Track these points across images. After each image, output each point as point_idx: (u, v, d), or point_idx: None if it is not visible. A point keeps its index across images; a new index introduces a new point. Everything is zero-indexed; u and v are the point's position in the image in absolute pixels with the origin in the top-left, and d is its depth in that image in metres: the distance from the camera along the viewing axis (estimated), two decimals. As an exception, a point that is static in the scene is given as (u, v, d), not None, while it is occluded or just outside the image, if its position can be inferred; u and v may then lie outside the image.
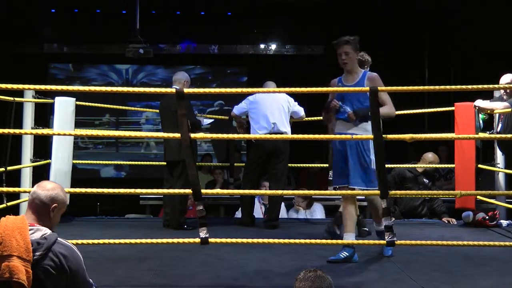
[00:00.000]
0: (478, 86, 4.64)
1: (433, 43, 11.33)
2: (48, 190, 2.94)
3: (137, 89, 7.30)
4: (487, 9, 10.36)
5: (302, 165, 7.90)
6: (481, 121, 6.52)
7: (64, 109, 6.45)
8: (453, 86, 4.90)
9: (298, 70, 10.83)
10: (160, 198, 7.40)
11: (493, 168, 6.77)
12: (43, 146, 7.08)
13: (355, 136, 4.87)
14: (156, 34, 10.93)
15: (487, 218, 6.47)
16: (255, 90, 6.27)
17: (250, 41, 12.13)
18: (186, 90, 5.05)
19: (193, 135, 4.82)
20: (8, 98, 5.77)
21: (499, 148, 6.72)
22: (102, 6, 11.54)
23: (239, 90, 5.83)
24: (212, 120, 8.47)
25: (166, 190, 6.27)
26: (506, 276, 4.51)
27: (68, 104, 6.49)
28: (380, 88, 4.72)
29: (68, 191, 4.25)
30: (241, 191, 6.63)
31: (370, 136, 4.70)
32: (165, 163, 6.54)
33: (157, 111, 7.17)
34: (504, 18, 10.09)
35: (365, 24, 10.57)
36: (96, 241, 4.69)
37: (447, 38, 10.90)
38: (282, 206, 6.93)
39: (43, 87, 4.89)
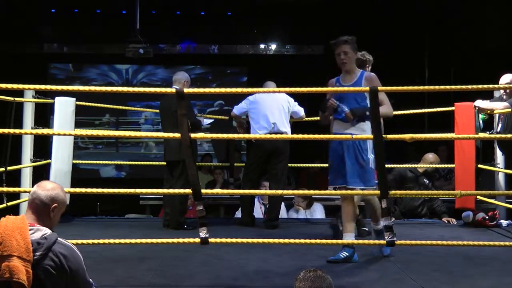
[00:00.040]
0: (478, 86, 4.64)
1: (433, 43, 11.33)
2: (48, 190, 2.94)
3: (137, 89, 7.30)
4: (487, 9, 10.36)
5: (302, 165, 7.89)
6: (481, 121, 6.52)
7: (64, 109, 6.45)
8: (453, 86, 4.89)
9: (298, 70, 10.83)
10: (160, 198, 7.40)
11: (493, 168, 6.77)
12: (43, 146, 7.08)
13: (355, 136, 4.86)
14: (156, 34, 10.93)
15: (487, 218, 6.47)
16: (255, 90, 6.27)
17: (250, 41, 12.12)
18: (186, 90, 5.04)
19: (193, 135, 4.82)
20: (8, 98, 5.76)
21: (499, 148, 6.72)
22: (102, 6, 11.54)
23: (239, 90, 5.82)
24: (212, 120, 8.47)
25: (166, 190, 6.27)
26: (506, 276, 4.51)
27: (68, 104, 6.49)
28: (380, 88, 4.72)
29: (68, 191, 4.25)
30: (241, 191, 6.63)
31: (370, 136, 4.70)
32: (165, 163, 6.54)
33: (156, 111, 7.17)
34: (504, 18, 10.08)
35: (365, 24, 10.58)
36: (96, 241, 4.68)
37: (447, 38, 10.90)
38: (282, 206, 6.93)
39: (43, 87, 4.88)
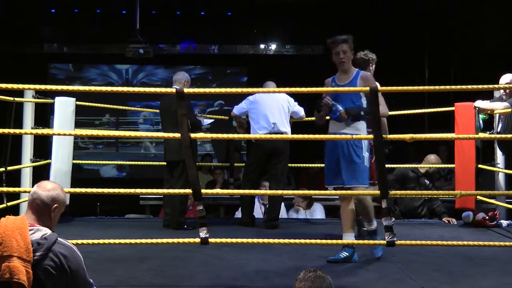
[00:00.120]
0: (478, 86, 4.64)
1: (433, 43, 11.33)
2: (49, 191, 2.94)
3: (137, 89, 7.30)
4: (487, 9, 10.36)
5: (302, 165, 7.89)
6: (481, 121, 6.53)
7: (64, 109, 6.45)
8: (453, 86, 4.89)
9: (298, 70, 10.82)
10: (160, 198, 7.40)
11: (493, 168, 6.77)
12: (43, 146, 7.08)
13: (355, 136, 4.86)
14: (156, 34, 10.93)
15: (487, 218, 6.47)
16: (255, 90, 6.27)
17: (250, 41, 12.11)
18: (186, 90, 5.04)
19: (193, 135, 4.82)
20: (8, 98, 5.76)
21: (499, 148, 6.72)
22: (102, 6, 11.53)
23: (239, 90, 5.82)
24: (212, 120, 8.47)
25: (166, 190, 6.27)
26: (506, 276, 4.51)
27: (68, 104, 6.49)
28: (380, 88, 4.71)
29: (68, 191, 4.26)
30: (241, 191, 6.63)
31: (370, 136, 4.70)
32: (165, 163, 6.54)
33: (155, 111, 7.16)
34: (504, 18, 10.08)
35: (365, 24, 10.58)
36: (96, 241, 4.68)
37: (447, 38, 10.89)
38: (282, 206, 6.92)
39: (43, 87, 4.89)
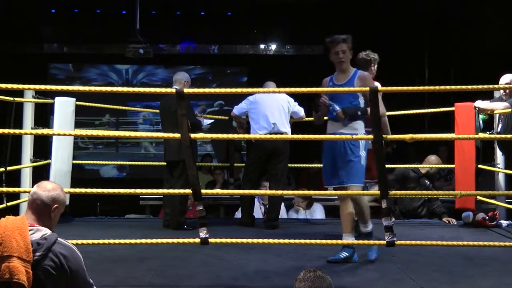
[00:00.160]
0: (478, 86, 4.63)
1: (433, 43, 11.33)
2: (49, 191, 2.94)
3: (137, 89, 7.30)
4: (487, 9, 10.35)
5: (302, 165, 7.89)
6: (481, 121, 6.52)
7: (64, 109, 6.45)
8: (453, 86, 4.89)
9: (298, 70, 10.81)
10: (160, 198, 7.40)
11: (493, 168, 6.77)
12: (43, 146, 7.07)
13: (356, 136, 4.85)
14: (156, 34, 10.93)
15: (487, 218, 6.47)
16: (255, 90, 6.27)
17: (250, 41, 12.11)
18: (186, 90, 5.04)
19: (193, 135, 4.82)
20: (8, 98, 5.76)
21: (499, 148, 6.72)
22: (102, 6, 11.53)
23: (239, 90, 5.82)
24: (212, 120, 8.46)
25: (166, 190, 6.27)
26: (506, 276, 4.51)
27: (68, 104, 6.49)
28: (380, 88, 4.71)
29: (68, 191, 4.26)
30: (241, 191, 6.62)
31: (370, 136, 4.69)
32: (165, 163, 6.54)
33: (155, 111, 7.16)
34: (504, 18, 10.08)
35: (365, 24, 10.58)
36: (96, 241, 4.68)
37: (447, 38, 10.89)
38: (282, 206, 6.92)
39: (43, 87, 4.88)
